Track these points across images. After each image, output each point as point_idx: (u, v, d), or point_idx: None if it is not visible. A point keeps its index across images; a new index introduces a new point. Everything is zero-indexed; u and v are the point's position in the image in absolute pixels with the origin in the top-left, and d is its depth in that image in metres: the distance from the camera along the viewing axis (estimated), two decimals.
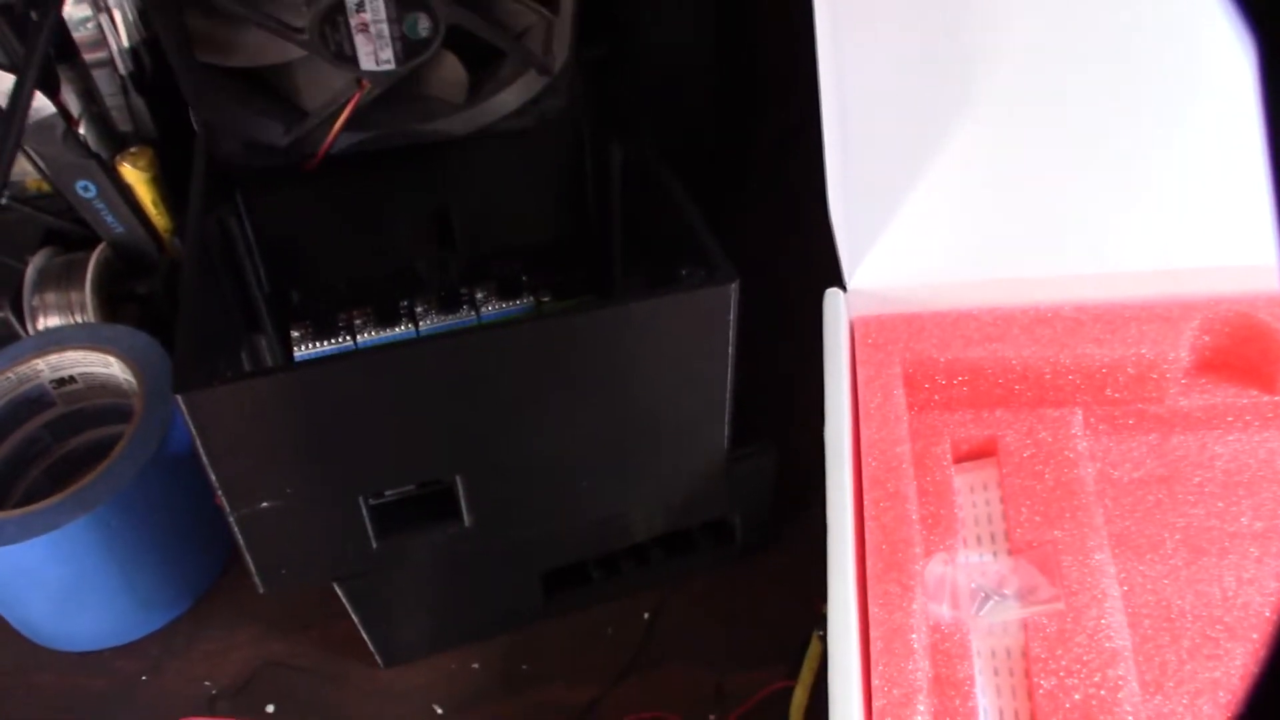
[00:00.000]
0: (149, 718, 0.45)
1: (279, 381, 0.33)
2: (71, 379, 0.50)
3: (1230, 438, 0.41)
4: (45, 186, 0.55)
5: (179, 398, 0.32)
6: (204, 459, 0.33)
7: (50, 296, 0.53)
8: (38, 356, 0.48)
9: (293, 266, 0.43)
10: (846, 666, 0.31)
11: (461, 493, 0.38)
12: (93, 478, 0.43)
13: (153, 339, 0.49)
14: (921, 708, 0.31)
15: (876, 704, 0.31)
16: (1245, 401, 0.40)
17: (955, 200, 0.41)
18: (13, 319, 0.53)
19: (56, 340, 0.49)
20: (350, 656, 0.47)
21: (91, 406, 0.51)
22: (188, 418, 0.32)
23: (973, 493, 0.40)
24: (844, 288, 0.42)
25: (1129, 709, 0.32)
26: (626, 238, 0.46)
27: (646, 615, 0.47)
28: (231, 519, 0.36)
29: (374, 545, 0.39)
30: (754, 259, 0.40)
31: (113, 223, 0.53)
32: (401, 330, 0.43)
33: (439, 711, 0.45)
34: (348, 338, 0.42)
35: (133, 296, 0.53)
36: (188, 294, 0.35)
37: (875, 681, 0.32)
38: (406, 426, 0.36)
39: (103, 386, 0.50)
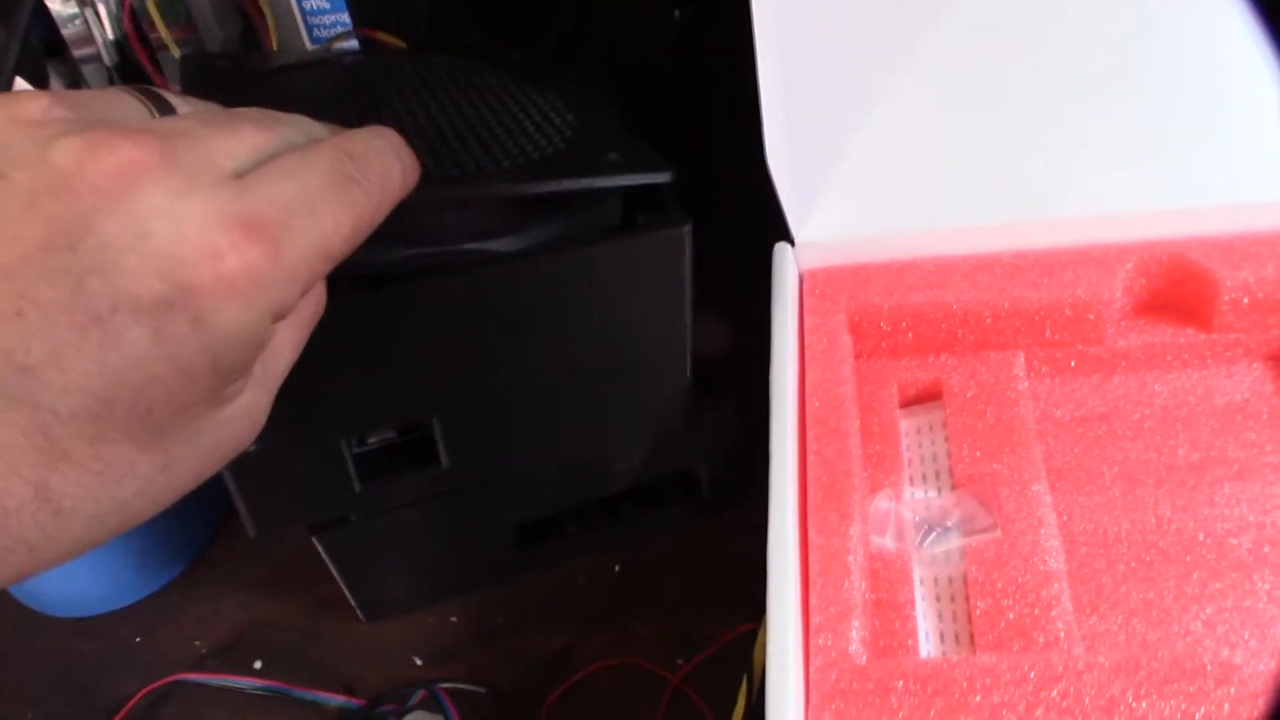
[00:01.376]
0: (143, 676, 0.47)
1: None
2: None
3: (1169, 376, 0.42)
4: None
5: None
6: None
7: None
8: None
9: None
10: (784, 588, 0.33)
11: (438, 434, 0.40)
12: None
13: None
14: (857, 624, 0.33)
15: (814, 621, 0.33)
16: (1183, 340, 0.41)
17: (897, 152, 0.43)
18: None
19: None
20: (334, 616, 0.49)
21: None
22: None
23: (919, 434, 0.41)
24: (792, 242, 0.43)
25: (1061, 626, 0.33)
26: None
27: (617, 568, 0.49)
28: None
29: (358, 489, 0.41)
30: (722, 222, 0.42)
31: None
32: None
33: (418, 663, 0.47)
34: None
35: None
36: None
37: (813, 600, 0.33)
38: (382, 369, 0.38)
39: None
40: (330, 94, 0.45)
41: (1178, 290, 0.42)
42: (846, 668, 0.32)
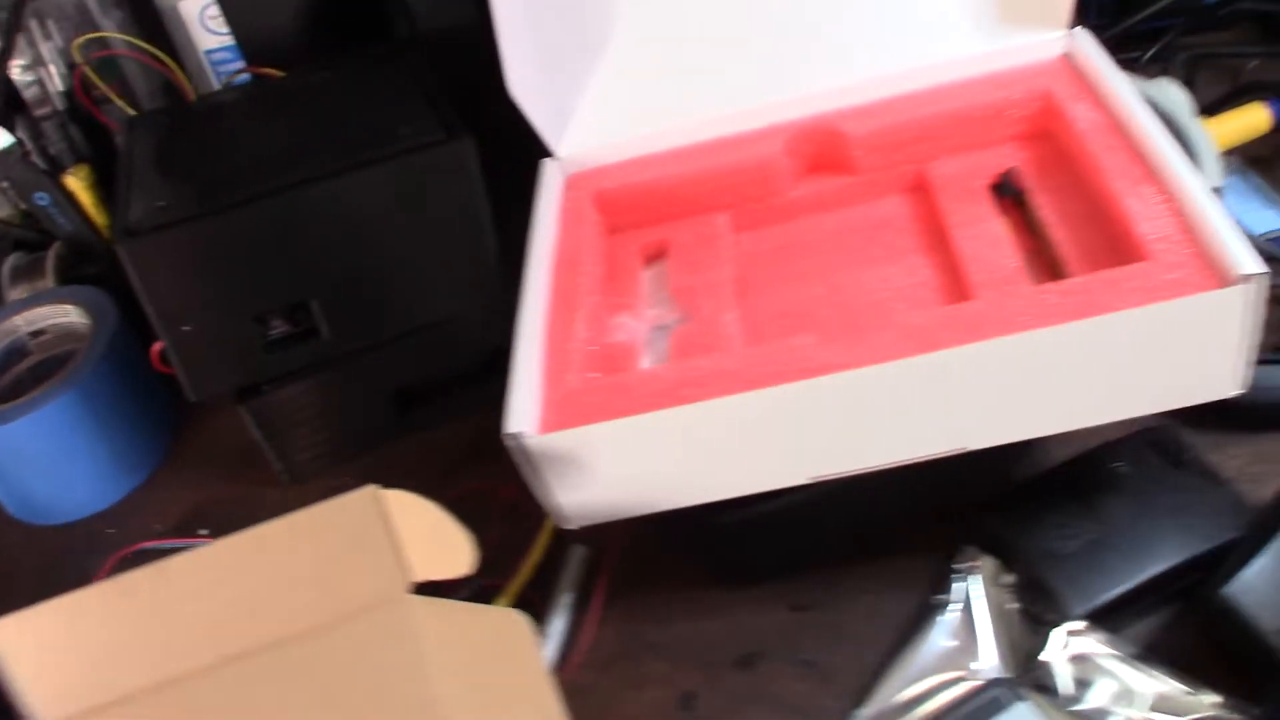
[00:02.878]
0: (114, 552, 0.61)
1: (186, 230, 0.52)
2: (43, 331, 0.68)
3: (834, 213, 0.57)
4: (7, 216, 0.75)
5: (120, 246, 0.50)
6: (141, 293, 0.51)
7: (23, 287, 0.71)
8: (16, 315, 0.67)
9: None
10: (530, 349, 0.48)
11: (318, 312, 0.56)
12: (61, 378, 0.61)
13: (100, 290, 0.67)
14: (576, 372, 0.48)
15: (549, 369, 0.48)
16: (839, 185, 0.57)
17: (624, 70, 0.59)
18: None
19: (30, 303, 0.67)
20: (263, 492, 0.63)
21: (60, 353, 0.68)
22: (128, 262, 0.50)
23: (655, 279, 0.57)
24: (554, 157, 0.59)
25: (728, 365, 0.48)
26: None
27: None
28: (166, 341, 0.53)
29: (265, 359, 0.56)
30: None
31: (64, 223, 0.71)
32: None
33: None
34: None
35: (84, 278, 0.71)
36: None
37: (548, 361, 0.48)
38: (273, 263, 0.54)
39: (67, 334, 0.68)
40: (231, 123, 0.62)
41: (827, 149, 0.57)
42: (567, 392, 0.46)
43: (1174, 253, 0.43)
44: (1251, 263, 0.40)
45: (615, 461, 0.46)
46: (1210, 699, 0.45)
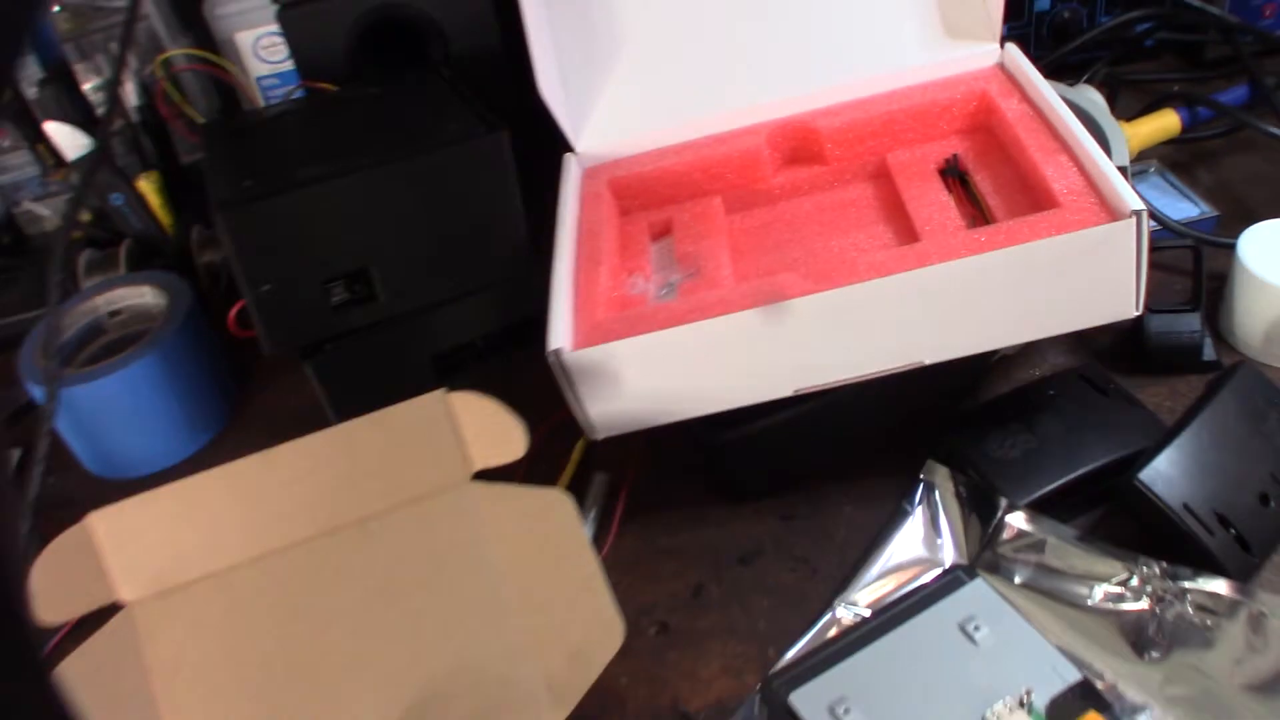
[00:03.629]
0: None
1: (270, 203, 0.61)
2: (119, 311, 0.77)
3: (811, 197, 0.68)
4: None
5: (218, 215, 0.60)
6: (233, 255, 0.61)
7: (97, 278, 0.81)
8: (97, 296, 0.76)
9: None
10: (561, 290, 0.58)
11: (376, 276, 0.66)
12: (145, 342, 0.70)
13: (172, 273, 0.77)
14: (602, 310, 0.58)
15: (579, 307, 0.58)
16: (813, 173, 0.68)
17: (635, 73, 0.70)
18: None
19: (110, 285, 0.77)
20: None
21: (132, 333, 0.78)
22: (225, 228, 0.60)
23: (661, 251, 0.67)
24: (574, 151, 0.70)
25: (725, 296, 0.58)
26: None
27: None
28: (249, 299, 0.63)
29: (331, 318, 0.66)
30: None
31: (134, 222, 0.81)
32: None
33: None
34: None
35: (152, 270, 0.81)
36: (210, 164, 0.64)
37: (578, 300, 0.58)
38: (340, 235, 0.64)
39: (141, 314, 0.77)
40: (294, 126, 0.73)
41: (803, 142, 0.68)
42: (595, 321, 0.57)
43: (1079, 201, 0.54)
44: (1138, 202, 0.51)
45: (634, 375, 0.55)
46: (1129, 562, 0.55)
